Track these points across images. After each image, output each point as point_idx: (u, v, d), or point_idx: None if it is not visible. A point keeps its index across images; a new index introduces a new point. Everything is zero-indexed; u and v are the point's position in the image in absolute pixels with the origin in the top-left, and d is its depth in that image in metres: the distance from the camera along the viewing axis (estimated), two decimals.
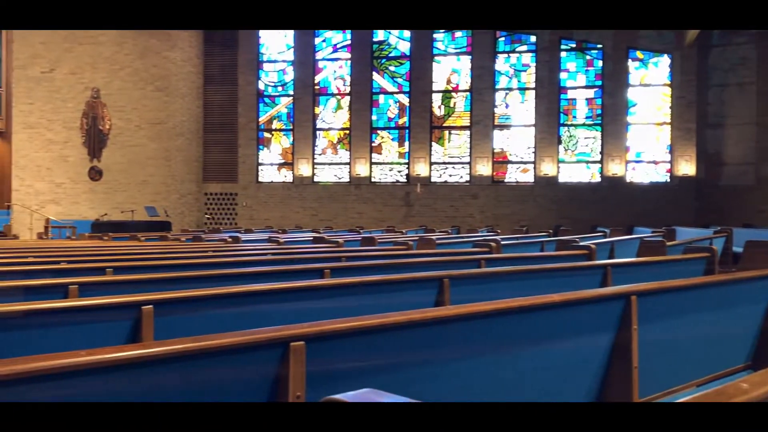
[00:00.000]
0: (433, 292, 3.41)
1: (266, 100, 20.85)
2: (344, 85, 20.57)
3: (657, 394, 2.61)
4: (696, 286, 3.01)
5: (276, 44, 20.77)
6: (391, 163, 20.43)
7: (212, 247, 7.42)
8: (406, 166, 20.15)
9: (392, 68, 20.38)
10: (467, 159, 19.77)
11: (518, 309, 2.16)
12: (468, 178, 19.74)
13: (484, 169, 19.56)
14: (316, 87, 20.63)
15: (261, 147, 20.82)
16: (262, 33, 20.57)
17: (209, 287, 2.84)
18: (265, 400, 1.66)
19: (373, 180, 20.46)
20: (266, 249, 6.97)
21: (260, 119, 20.79)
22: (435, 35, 19.82)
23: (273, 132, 20.93)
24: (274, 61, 20.83)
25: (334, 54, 20.60)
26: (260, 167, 20.84)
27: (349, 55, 20.44)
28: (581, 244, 6.04)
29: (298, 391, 1.63)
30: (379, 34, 20.09)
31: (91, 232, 15.09)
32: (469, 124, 19.76)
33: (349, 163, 20.55)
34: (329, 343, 1.74)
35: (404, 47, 20.20)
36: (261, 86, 20.78)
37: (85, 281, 3.06)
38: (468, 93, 19.80)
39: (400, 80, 20.31)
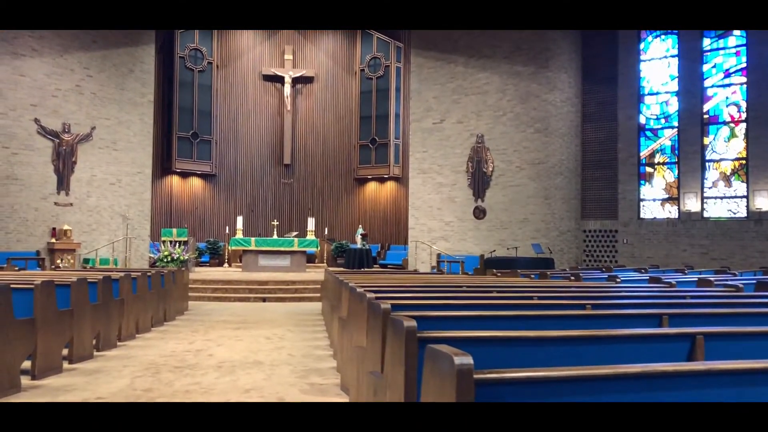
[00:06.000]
0: None
1: (648, 133, 20.06)
2: (738, 111, 18.53)
3: None
4: None
5: (658, 76, 19.89)
6: None
7: (598, 287, 7.59)
8: None
9: None
10: None
11: None
12: None
13: None
14: (705, 116, 19.04)
15: (642, 182, 20.08)
16: (644, 66, 19.98)
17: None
18: None
19: None
20: (654, 290, 6.96)
21: (641, 153, 20.09)
22: None
23: (656, 166, 19.99)
24: (656, 93, 19.93)
25: (726, 80, 18.74)
26: (642, 203, 20.10)
27: (744, 79, 18.35)
28: None
29: None
30: None
31: (485, 267, 16.49)
32: None
33: (746, 196, 18.37)
34: None
35: None
36: (642, 120, 20.11)
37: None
38: None
39: None
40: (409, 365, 3.02)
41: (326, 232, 23.74)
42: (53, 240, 17.81)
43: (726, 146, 18.78)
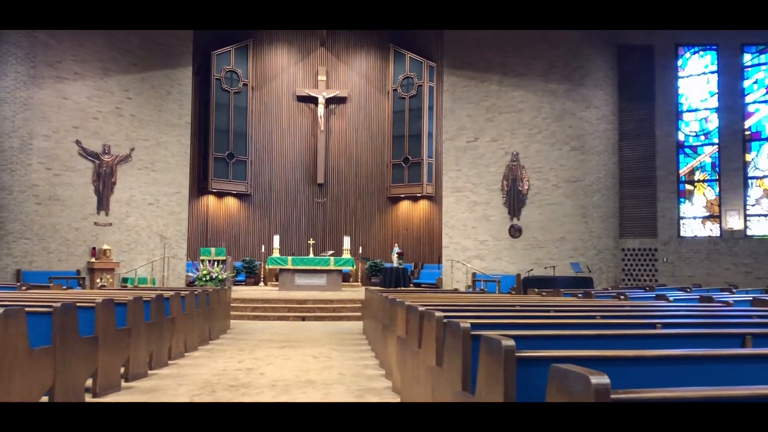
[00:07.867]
0: None
1: (687, 150, 19.77)
2: None
3: None
4: None
5: (697, 92, 19.64)
6: None
7: (654, 306, 7.43)
8: None
9: None
10: None
11: None
12: None
13: None
14: (747, 132, 18.72)
15: (682, 200, 19.76)
16: (682, 83, 19.75)
17: None
18: None
19: None
20: (715, 309, 6.81)
21: (680, 171, 19.79)
22: None
23: (696, 183, 19.67)
24: (695, 110, 19.67)
25: None
26: (682, 221, 19.75)
27: None
28: None
29: None
30: None
31: (524, 287, 16.29)
32: None
33: None
34: None
35: None
36: (681, 137, 19.84)
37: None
38: None
39: None
40: (509, 385, 2.95)
41: (360, 251, 23.71)
42: (93, 259, 18.04)
43: None
